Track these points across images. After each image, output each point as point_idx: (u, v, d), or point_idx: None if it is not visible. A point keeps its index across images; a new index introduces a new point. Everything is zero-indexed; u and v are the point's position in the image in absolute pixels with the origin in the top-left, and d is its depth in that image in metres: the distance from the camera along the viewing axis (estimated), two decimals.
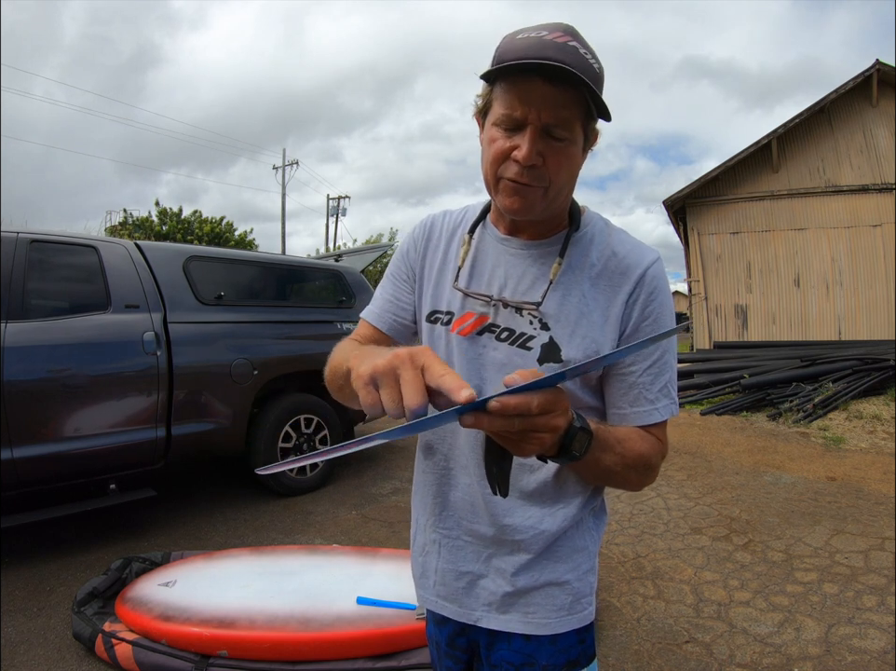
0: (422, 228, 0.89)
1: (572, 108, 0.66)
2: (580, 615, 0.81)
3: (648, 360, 0.75)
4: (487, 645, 0.83)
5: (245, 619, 1.90)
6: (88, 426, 2.90)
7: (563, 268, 0.76)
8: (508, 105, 0.67)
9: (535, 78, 0.64)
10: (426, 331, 0.85)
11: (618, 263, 0.76)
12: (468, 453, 0.80)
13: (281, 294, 4.26)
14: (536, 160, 0.67)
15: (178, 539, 3.12)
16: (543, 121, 0.66)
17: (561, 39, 0.64)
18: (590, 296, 0.76)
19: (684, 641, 2.11)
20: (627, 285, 0.75)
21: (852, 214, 10.22)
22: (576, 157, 0.71)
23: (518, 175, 0.69)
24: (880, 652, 1.98)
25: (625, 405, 0.76)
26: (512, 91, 0.66)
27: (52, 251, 3.01)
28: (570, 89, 0.64)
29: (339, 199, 24.04)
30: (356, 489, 3.97)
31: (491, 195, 0.76)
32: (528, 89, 0.65)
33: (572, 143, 0.69)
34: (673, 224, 13.07)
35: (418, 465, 0.90)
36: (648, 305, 0.75)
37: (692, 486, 3.96)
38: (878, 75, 9.93)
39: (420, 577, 0.89)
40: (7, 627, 2.19)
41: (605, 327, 0.75)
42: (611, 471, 0.71)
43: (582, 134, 0.70)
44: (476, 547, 0.82)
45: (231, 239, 18.79)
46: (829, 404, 5.93)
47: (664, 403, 0.76)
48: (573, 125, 0.67)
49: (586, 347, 0.75)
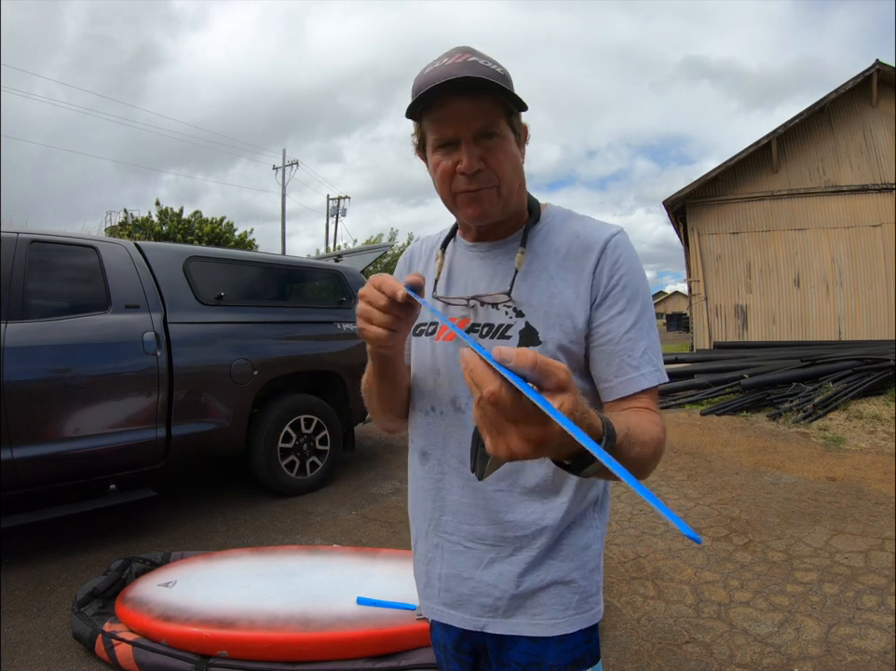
0: (405, 261, 0.98)
1: (491, 111, 0.72)
2: (588, 614, 0.81)
3: (622, 327, 0.76)
4: (496, 647, 0.83)
5: (245, 619, 1.90)
6: (88, 426, 2.90)
7: (527, 257, 0.80)
8: (437, 130, 0.74)
9: (450, 98, 0.70)
10: (413, 345, 0.89)
11: (581, 242, 0.79)
12: (461, 455, 0.81)
13: (281, 294, 4.26)
14: (478, 165, 0.73)
15: (178, 539, 3.12)
16: (472, 131, 0.72)
17: (460, 59, 0.71)
18: (558, 277, 0.79)
19: (684, 641, 2.11)
20: (592, 257, 0.78)
21: (852, 214, 10.22)
22: (513, 151, 0.77)
23: (468, 184, 0.75)
24: (880, 652, 1.98)
25: (610, 377, 0.76)
26: (436, 116, 0.73)
27: (52, 251, 3.01)
28: (483, 95, 0.71)
29: (339, 200, 24.04)
30: (356, 489, 3.97)
31: (453, 212, 0.83)
32: (448, 108, 0.72)
33: (504, 139, 0.75)
34: (673, 224, 13.08)
35: (413, 473, 0.90)
36: (614, 273, 0.77)
37: (692, 486, 3.95)
38: (878, 76, 9.94)
39: (424, 587, 0.88)
40: (7, 627, 2.19)
41: (577, 301, 0.77)
42: (634, 463, 0.62)
43: (510, 129, 0.76)
44: (477, 552, 0.82)
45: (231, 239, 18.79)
46: (829, 405, 5.93)
47: (649, 369, 0.75)
48: (498, 124, 0.74)
49: (562, 324, 0.77)
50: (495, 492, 0.79)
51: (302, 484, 3.85)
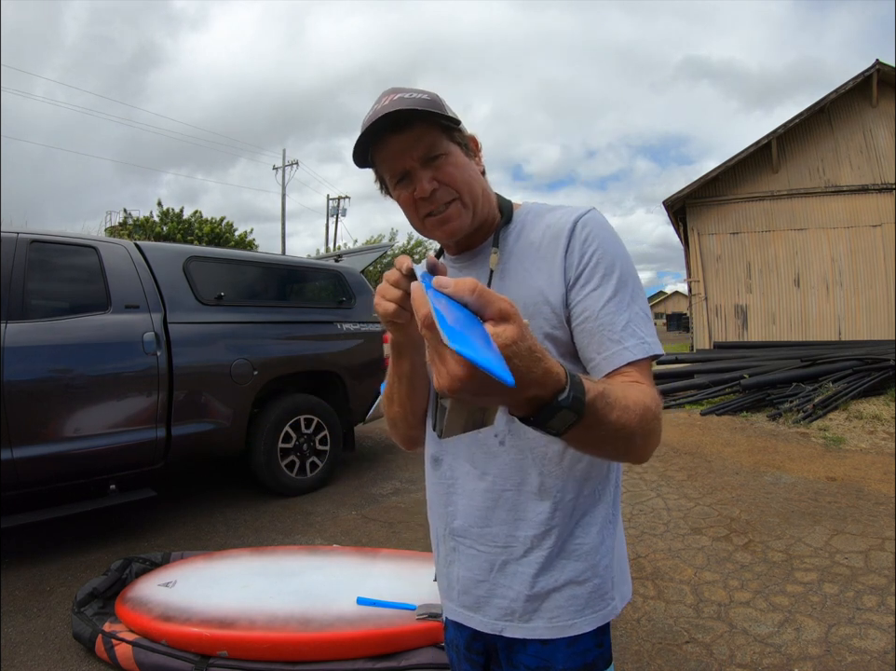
0: None
1: (426, 134, 0.76)
2: (604, 612, 0.81)
3: (599, 301, 0.74)
4: (505, 647, 0.84)
5: (245, 619, 1.90)
6: (89, 426, 2.90)
7: (502, 257, 0.82)
8: (389, 168, 0.79)
9: (388, 136, 0.75)
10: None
11: (552, 231, 0.80)
12: (471, 458, 0.82)
13: (281, 294, 4.26)
14: (431, 186, 0.76)
15: (178, 539, 3.12)
16: (415, 159, 0.76)
17: (387, 99, 0.75)
18: (533, 269, 0.79)
19: (684, 642, 2.10)
20: (562, 241, 0.78)
21: (852, 214, 10.22)
22: (462, 161, 0.79)
23: (430, 204, 0.78)
24: (880, 653, 1.98)
25: (594, 355, 0.74)
26: (382, 155, 0.78)
27: (52, 251, 3.01)
28: (415, 123, 0.75)
29: (339, 200, 24.04)
30: (356, 490, 3.97)
31: (429, 237, 0.85)
32: (390, 145, 0.76)
33: (450, 155, 0.78)
34: (673, 224, 13.08)
35: (428, 479, 0.92)
36: (586, 251, 0.76)
37: (692, 486, 3.95)
38: (878, 76, 9.94)
39: (446, 589, 0.89)
40: (7, 628, 2.19)
41: (551, 286, 0.77)
42: (619, 430, 0.60)
43: (454, 144, 0.79)
44: (490, 555, 0.82)
45: (231, 239, 18.77)
46: (829, 405, 5.92)
47: (633, 342, 0.72)
48: (438, 144, 0.77)
49: (540, 311, 0.76)
50: (504, 492, 0.80)
51: (302, 484, 3.85)
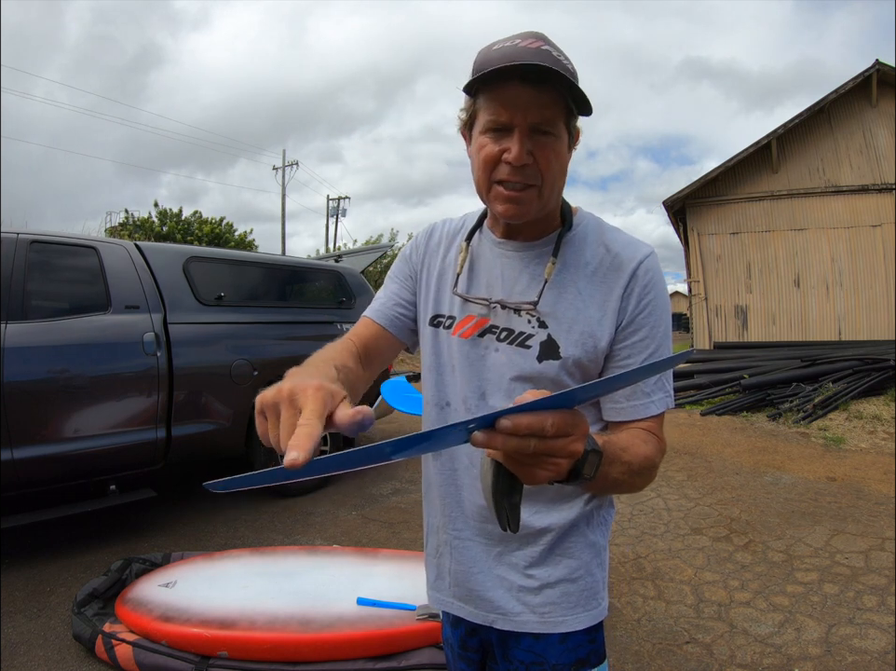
0: (424, 234, 0.93)
1: (554, 107, 0.69)
2: (595, 611, 0.82)
3: (644, 353, 0.76)
4: (499, 642, 0.84)
5: (245, 620, 1.90)
6: (89, 427, 2.90)
7: (557, 267, 0.78)
8: (493, 112, 0.70)
9: (515, 83, 0.67)
10: (429, 335, 0.87)
11: (612, 259, 0.78)
12: (472, 452, 0.81)
13: (281, 294, 4.26)
14: (527, 159, 0.70)
15: (178, 539, 3.11)
16: (529, 122, 0.69)
17: (534, 45, 0.67)
18: (586, 293, 0.77)
19: (684, 642, 2.10)
20: (622, 279, 0.76)
21: (852, 214, 10.21)
22: (564, 153, 0.74)
23: (511, 175, 0.71)
24: (881, 653, 1.98)
25: (622, 399, 0.77)
26: (496, 98, 0.69)
27: (52, 251, 3.01)
28: (550, 89, 0.67)
29: (339, 200, 24.02)
30: (356, 490, 3.97)
31: (485, 202, 0.78)
32: (511, 93, 0.68)
33: (558, 140, 0.72)
34: (673, 224, 13.06)
35: (426, 470, 0.91)
36: (643, 297, 0.76)
37: (692, 486, 3.95)
38: (878, 76, 9.93)
39: (435, 579, 0.89)
40: (7, 628, 2.19)
41: (603, 321, 0.76)
42: (618, 482, 0.68)
43: (566, 131, 0.73)
44: (485, 547, 0.82)
45: (231, 239, 18.77)
46: (829, 405, 5.92)
47: (659, 396, 0.77)
48: (557, 122, 0.70)
49: (584, 342, 0.76)
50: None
51: (302, 484, 3.85)
